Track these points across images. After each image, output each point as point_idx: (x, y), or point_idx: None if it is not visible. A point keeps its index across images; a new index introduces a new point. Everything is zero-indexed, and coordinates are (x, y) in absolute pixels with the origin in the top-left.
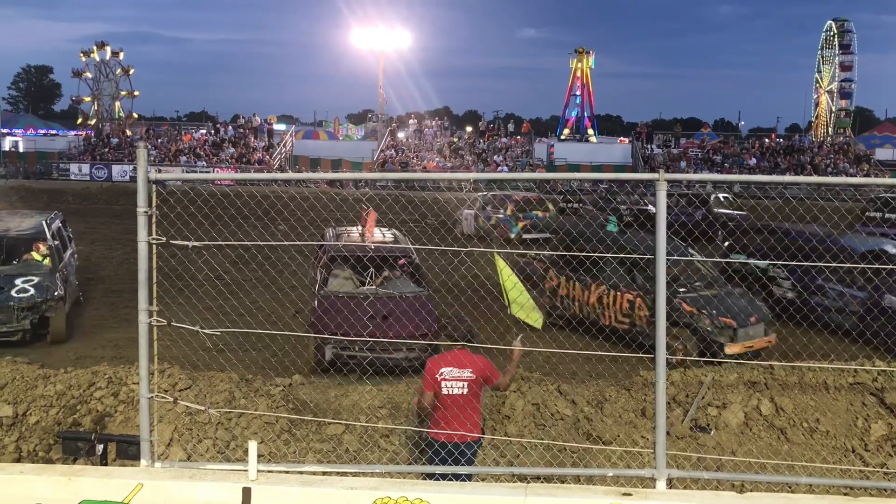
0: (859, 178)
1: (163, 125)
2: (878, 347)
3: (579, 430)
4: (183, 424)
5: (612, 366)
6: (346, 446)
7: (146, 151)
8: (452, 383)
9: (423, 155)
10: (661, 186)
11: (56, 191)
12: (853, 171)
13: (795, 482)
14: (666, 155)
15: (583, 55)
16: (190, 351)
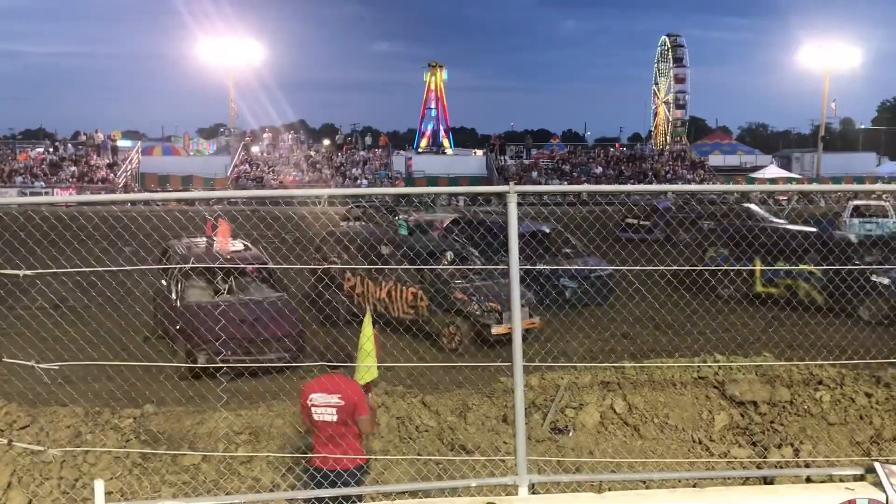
0: (693, 185)
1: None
2: (717, 343)
3: (444, 441)
4: (22, 466)
5: (472, 375)
6: (204, 477)
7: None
8: (322, 409)
9: (279, 169)
10: (511, 198)
11: None
12: (690, 177)
13: (649, 478)
14: (518, 166)
15: (436, 69)
16: (27, 387)
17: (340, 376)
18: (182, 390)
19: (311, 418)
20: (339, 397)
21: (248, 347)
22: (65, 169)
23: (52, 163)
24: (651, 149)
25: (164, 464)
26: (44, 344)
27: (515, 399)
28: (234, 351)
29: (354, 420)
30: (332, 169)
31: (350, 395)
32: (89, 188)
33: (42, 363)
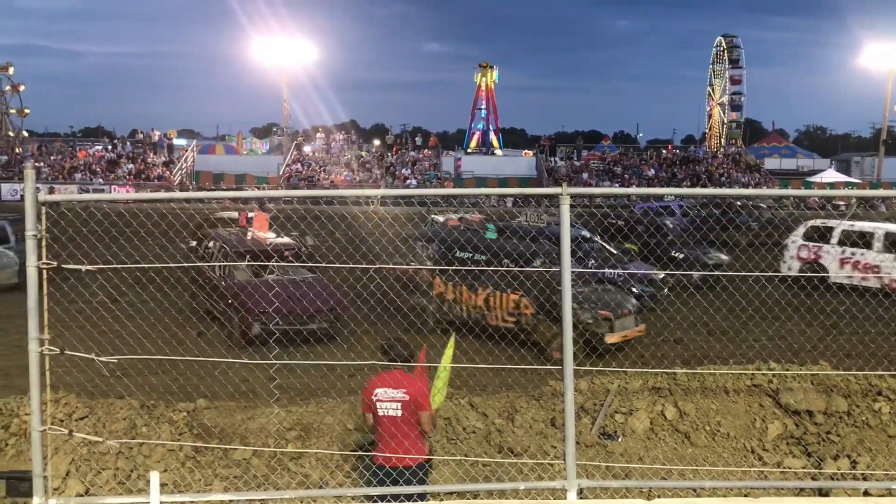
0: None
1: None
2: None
3: (491, 443)
4: (80, 456)
5: (522, 378)
6: (254, 472)
7: (34, 172)
8: (386, 404)
9: (330, 169)
10: (564, 200)
11: None
12: (745, 181)
13: (700, 487)
14: (569, 167)
15: (487, 69)
16: (86, 378)
17: (403, 372)
18: (235, 385)
19: (375, 413)
20: (403, 392)
21: (298, 317)
22: (122, 166)
23: (110, 160)
24: (705, 151)
25: (216, 457)
26: (103, 337)
27: (565, 403)
28: (288, 320)
29: (417, 416)
30: (381, 169)
31: (414, 390)
32: (146, 186)
33: (101, 356)
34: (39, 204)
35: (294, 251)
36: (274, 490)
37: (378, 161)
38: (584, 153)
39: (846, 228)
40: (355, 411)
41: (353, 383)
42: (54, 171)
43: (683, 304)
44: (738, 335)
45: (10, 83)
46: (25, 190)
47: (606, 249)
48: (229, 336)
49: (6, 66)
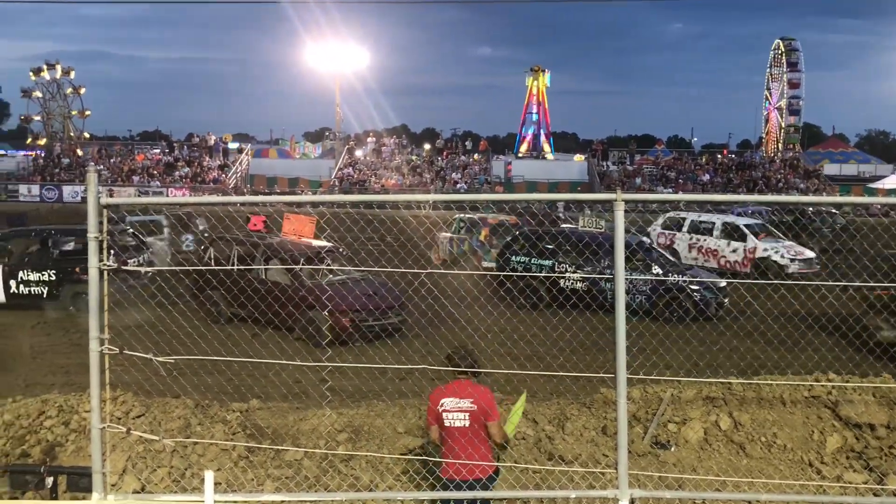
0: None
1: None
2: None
3: (541, 450)
4: (137, 453)
5: (573, 385)
6: (306, 473)
7: (96, 175)
8: (453, 414)
9: (381, 173)
10: (618, 206)
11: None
12: (803, 186)
13: (756, 499)
14: (621, 172)
15: (538, 73)
16: (143, 377)
17: (469, 382)
18: (288, 386)
19: (442, 424)
20: (471, 402)
21: (382, 312)
22: (179, 170)
23: (167, 163)
24: (761, 156)
25: (268, 458)
26: (160, 337)
27: (618, 411)
28: (373, 315)
29: (485, 426)
30: (432, 173)
31: (482, 400)
32: (202, 188)
33: (159, 356)
34: (101, 207)
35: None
36: (325, 491)
37: (428, 165)
38: (636, 157)
39: (694, 219)
40: (405, 415)
41: (403, 387)
42: (113, 173)
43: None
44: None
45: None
46: (88, 193)
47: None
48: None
49: (68, 70)
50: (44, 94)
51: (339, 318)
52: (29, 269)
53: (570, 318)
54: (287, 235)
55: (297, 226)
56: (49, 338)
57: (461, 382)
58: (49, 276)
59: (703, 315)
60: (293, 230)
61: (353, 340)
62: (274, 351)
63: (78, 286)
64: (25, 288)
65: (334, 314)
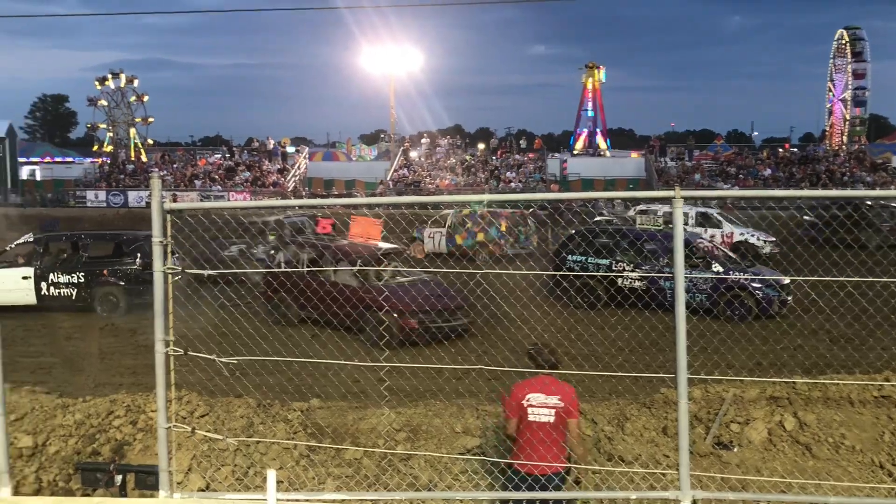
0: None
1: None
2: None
3: (601, 450)
4: (201, 452)
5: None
6: (365, 472)
7: (160, 181)
8: (539, 409)
9: (435, 173)
10: (677, 203)
11: (73, 218)
12: (870, 180)
13: (824, 501)
14: (680, 168)
15: (593, 70)
16: (207, 377)
17: (553, 378)
18: (347, 386)
19: (524, 419)
20: (558, 398)
21: (451, 314)
22: (239, 174)
23: (228, 168)
24: (825, 150)
25: (329, 456)
26: (223, 338)
27: (679, 411)
28: (443, 317)
29: (566, 423)
30: (486, 173)
31: (568, 397)
32: (261, 192)
33: (222, 357)
34: (165, 212)
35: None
36: (385, 490)
37: (482, 165)
38: (695, 153)
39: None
40: (462, 414)
41: (460, 387)
42: (176, 178)
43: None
44: (865, 343)
45: (135, 94)
46: (152, 199)
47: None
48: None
49: (131, 78)
50: (109, 102)
51: (406, 320)
52: (59, 272)
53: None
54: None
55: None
56: (117, 339)
57: (547, 379)
58: (78, 278)
59: (765, 313)
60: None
61: (421, 342)
62: (333, 351)
63: (105, 288)
64: (56, 290)
65: (402, 316)
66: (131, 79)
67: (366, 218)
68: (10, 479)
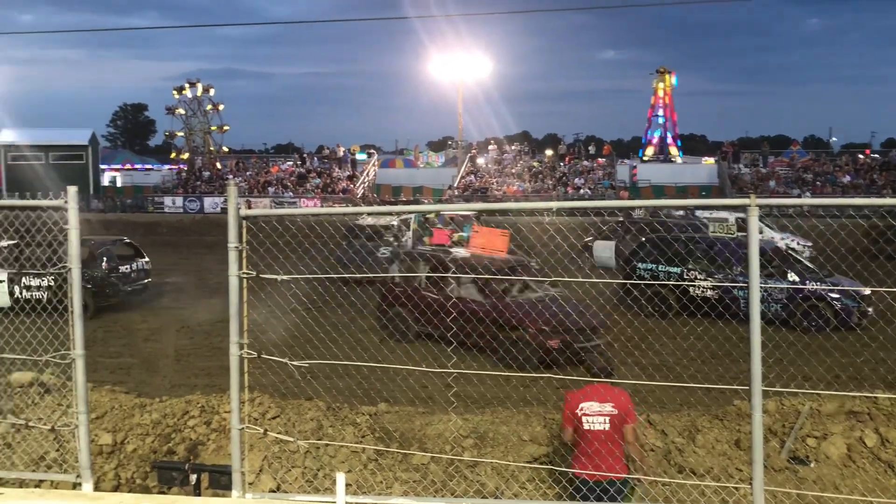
0: None
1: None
2: None
3: (671, 462)
4: (272, 453)
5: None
6: (433, 477)
7: (237, 189)
8: (594, 418)
9: (503, 180)
10: (752, 211)
11: (151, 223)
12: None
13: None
14: (754, 174)
15: (664, 75)
16: (278, 379)
17: (606, 386)
18: (415, 391)
19: (580, 427)
20: (612, 406)
21: (586, 334)
22: (310, 180)
23: (299, 175)
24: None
25: (396, 461)
26: (295, 342)
27: (753, 424)
28: (585, 335)
29: (622, 430)
30: (554, 179)
31: (622, 403)
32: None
33: (294, 360)
34: (240, 218)
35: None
36: (452, 497)
37: (550, 171)
38: (770, 159)
39: None
40: (529, 422)
41: (527, 394)
42: (250, 185)
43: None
44: None
45: (211, 103)
46: (229, 205)
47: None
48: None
49: (208, 87)
50: (186, 111)
51: (547, 339)
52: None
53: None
54: (475, 249)
55: (488, 239)
56: (192, 341)
57: (601, 387)
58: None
59: (844, 325)
60: (484, 243)
61: (563, 362)
62: (400, 356)
63: None
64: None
65: (544, 335)
66: (207, 88)
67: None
68: (92, 475)
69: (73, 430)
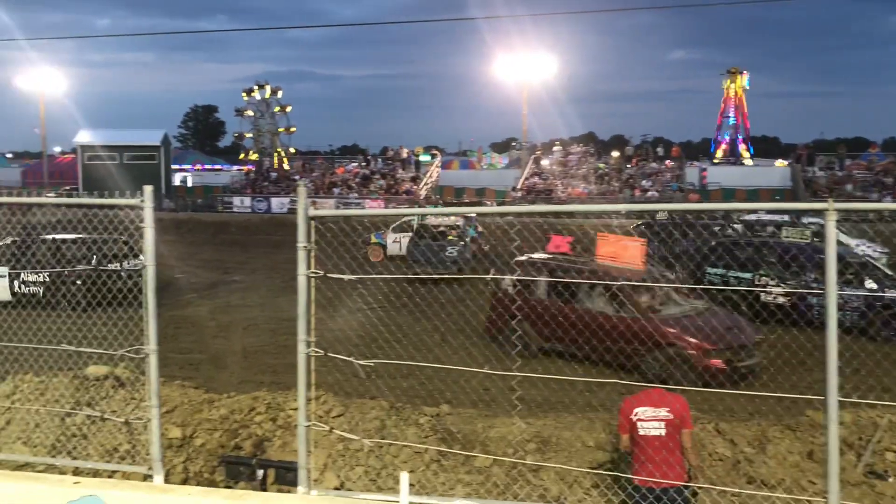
0: None
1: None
2: None
3: (739, 473)
4: (336, 451)
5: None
6: (495, 480)
7: (306, 190)
8: (649, 423)
9: (567, 182)
10: (830, 216)
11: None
12: None
13: None
14: (829, 178)
15: (736, 75)
16: (343, 377)
17: (662, 391)
18: (478, 393)
19: (635, 433)
20: (667, 410)
21: (750, 349)
22: (374, 182)
23: (363, 176)
24: None
25: (458, 462)
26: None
27: (828, 435)
28: (747, 352)
29: (679, 435)
30: (620, 182)
31: (678, 408)
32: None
33: (360, 359)
34: (309, 218)
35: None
36: (514, 500)
37: (616, 173)
38: (846, 162)
39: None
40: (594, 428)
41: (593, 400)
42: (316, 186)
43: None
44: None
45: (279, 105)
46: (298, 206)
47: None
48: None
49: (276, 90)
50: (255, 112)
51: (710, 358)
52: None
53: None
54: (603, 259)
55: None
56: (258, 339)
57: (656, 392)
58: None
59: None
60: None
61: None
62: (463, 357)
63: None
64: (26, 288)
65: (707, 354)
66: (276, 90)
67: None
68: (162, 468)
69: (146, 423)
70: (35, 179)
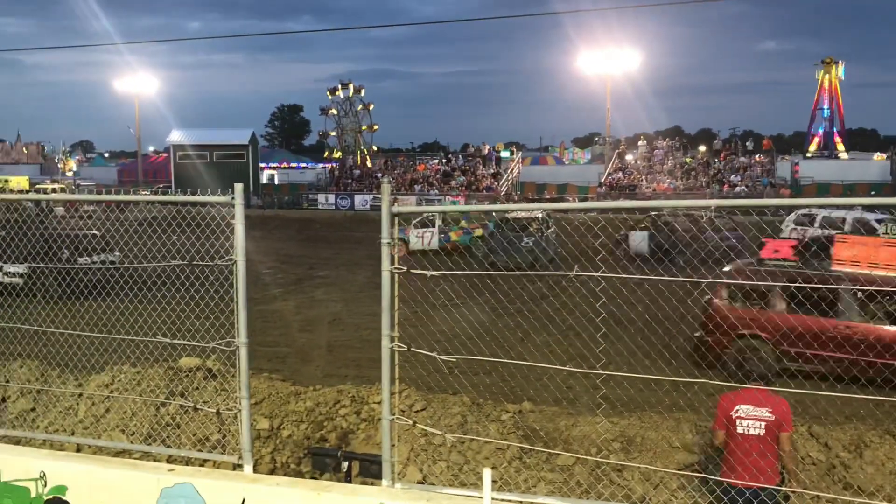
0: None
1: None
2: None
3: (834, 478)
4: (419, 445)
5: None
6: (578, 478)
7: (390, 187)
8: (749, 422)
9: (652, 177)
10: None
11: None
12: None
13: None
14: None
15: (830, 66)
16: (425, 372)
17: (763, 391)
18: (562, 391)
19: (732, 431)
20: (769, 410)
21: None
22: (455, 178)
23: (444, 173)
24: None
25: (541, 460)
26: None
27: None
28: None
29: (777, 437)
30: (707, 176)
31: (781, 410)
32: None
33: (443, 355)
34: (392, 215)
35: None
36: (598, 500)
37: (703, 168)
38: None
39: (825, 214)
40: (680, 429)
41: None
42: (398, 183)
43: None
44: None
45: (361, 103)
46: (382, 203)
47: None
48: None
49: (359, 88)
50: (338, 111)
51: None
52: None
53: None
54: (843, 264)
55: (866, 251)
56: (342, 333)
57: (757, 391)
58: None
59: None
60: (855, 256)
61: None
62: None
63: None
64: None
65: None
66: (359, 89)
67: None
68: (251, 458)
69: (236, 414)
70: (130, 178)
